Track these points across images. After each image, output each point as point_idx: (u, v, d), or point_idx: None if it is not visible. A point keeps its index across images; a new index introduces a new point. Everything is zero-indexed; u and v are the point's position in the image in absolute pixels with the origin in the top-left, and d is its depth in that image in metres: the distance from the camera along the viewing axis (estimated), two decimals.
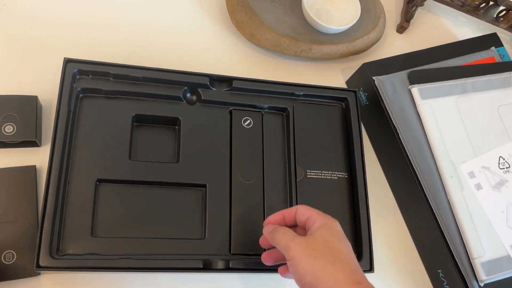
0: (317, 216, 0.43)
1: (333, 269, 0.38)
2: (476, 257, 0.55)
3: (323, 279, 0.37)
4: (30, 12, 0.61)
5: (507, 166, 0.60)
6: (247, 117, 0.47)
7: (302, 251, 0.39)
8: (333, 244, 0.40)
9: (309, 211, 0.44)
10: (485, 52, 0.69)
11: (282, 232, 0.43)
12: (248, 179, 0.55)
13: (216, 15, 0.69)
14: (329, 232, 0.41)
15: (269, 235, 0.44)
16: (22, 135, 0.51)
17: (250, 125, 0.46)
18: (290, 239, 0.41)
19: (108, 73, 0.53)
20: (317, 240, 0.40)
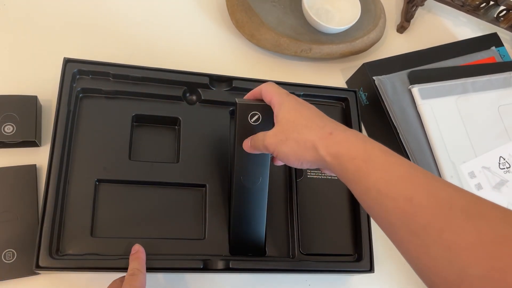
0: (274, 99, 0.42)
1: (303, 137, 0.38)
2: None
3: (301, 152, 0.38)
4: (29, 12, 0.61)
5: (507, 166, 0.60)
6: (255, 112, 0.44)
7: (275, 142, 0.40)
8: (294, 117, 0.40)
9: (269, 93, 0.43)
10: (486, 52, 0.69)
11: (255, 138, 0.44)
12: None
13: (216, 15, 0.69)
14: (288, 109, 0.41)
15: (250, 148, 0.45)
16: (22, 135, 0.51)
17: (258, 121, 0.45)
18: (262, 138, 0.42)
19: (108, 73, 0.53)
20: (281, 123, 0.41)
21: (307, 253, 0.53)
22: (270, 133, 0.41)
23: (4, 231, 0.48)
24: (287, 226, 0.54)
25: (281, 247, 0.53)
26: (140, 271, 0.44)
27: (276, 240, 0.53)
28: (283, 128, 0.40)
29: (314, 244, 0.54)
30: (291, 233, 0.54)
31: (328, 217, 0.56)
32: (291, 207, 0.55)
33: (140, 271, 0.44)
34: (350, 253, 0.55)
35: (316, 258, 0.53)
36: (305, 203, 0.55)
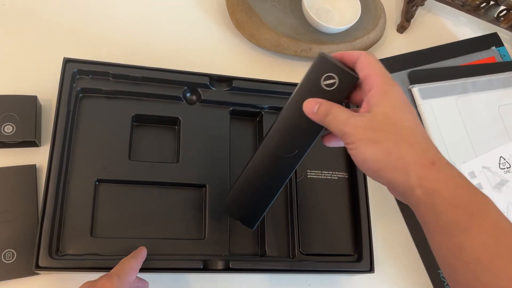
0: (375, 80, 0.34)
1: (399, 151, 0.31)
2: None
3: (388, 165, 0.31)
4: (29, 11, 0.61)
5: (507, 166, 0.60)
6: (333, 75, 0.36)
7: (361, 135, 0.33)
8: (396, 119, 0.32)
9: (369, 67, 0.35)
10: (486, 52, 0.69)
11: (333, 114, 0.35)
12: None
13: (216, 15, 0.69)
14: (390, 104, 0.33)
15: (317, 115, 0.36)
16: (22, 135, 0.51)
17: (331, 86, 0.37)
18: (344, 121, 0.34)
19: (108, 73, 0.53)
20: (376, 117, 0.33)
21: (307, 253, 0.53)
22: (358, 122, 0.33)
23: (4, 231, 0.48)
24: (287, 226, 0.54)
25: (281, 247, 0.53)
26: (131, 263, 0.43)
27: (276, 240, 0.53)
28: (378, 125, 0.33)
29: (314, 244, 0.54)
30: (291, 233, 0.54)
31: (328, 217, 0.56)
32: (291, 207, 0.55)
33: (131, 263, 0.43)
34: (350, 253, 0.55)
35: (316, 258, 0.53)
36: (305, 203, 0.55)
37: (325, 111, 0.36)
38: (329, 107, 0.36)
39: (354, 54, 0.37)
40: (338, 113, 0.35)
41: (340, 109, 0.35)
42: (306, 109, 0.37)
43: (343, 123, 0.34)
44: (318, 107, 0.36)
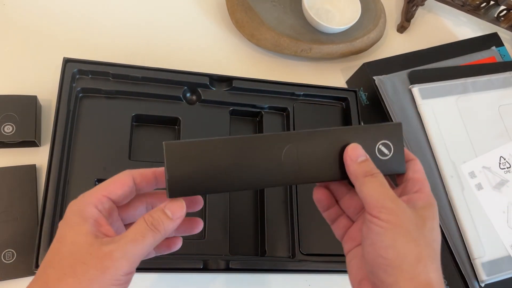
0: (426, 188, 0.33)
1: (427, 264, 0.30)
2: (476, 257, 0.54)
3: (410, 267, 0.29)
4: (29, 11, 0.61)
5: (507, 166, 0.60)
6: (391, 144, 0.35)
7: (403, 224, 0.30)
8: (435, 236, 0.32)
9: (421, 173, 0.35)
10: (486, 52, 0.69)
11: (380, 180, 0.32)
12: None
13: (216, 15, 0.69)
14: (436, 220, 0.32)
15: (358, 166, 0.33)
16: (22, 135, 0.51)
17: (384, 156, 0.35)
18: (390, 196, 0.31)
19: (108, 73, 0.53)
20: (423, 220, 0.31)
21: (307, 253, 0.53)
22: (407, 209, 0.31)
23: (4, 231, 0.48)
24: (287, 226, 0.54)
25: (281, 247, 0.53)
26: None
27: (276, 240, 0.53)
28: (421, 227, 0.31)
29: (314, 244, 0.54)
30: (291, 233, 0.54)
31: None
32: (291, 207, 0.55)
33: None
34: None
35: (316, 258, 0.53)
36: (305, 203, 0.55)
37: (370, 170, 0.33)
38: (376, 170, 0.33)
39: (410, 155, 0.36)
40: (385, 182, 0.32)
41: (386, 181, 0.33)
42: (350, 152, 0.33)
43: (391, 198, 0.31)
44: (364, 160, 0.33)
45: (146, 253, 0.31)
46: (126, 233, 0.31)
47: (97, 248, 0.30)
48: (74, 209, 0.32)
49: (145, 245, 0.31)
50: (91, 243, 0.30)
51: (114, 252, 0.29)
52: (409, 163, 0.35)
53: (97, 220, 0.32)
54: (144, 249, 0.31)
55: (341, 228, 0.37)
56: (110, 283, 0.29)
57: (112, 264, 0.29)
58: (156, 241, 0.31)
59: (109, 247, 0.30)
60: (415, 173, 0.34)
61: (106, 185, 0.34)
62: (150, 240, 0.31)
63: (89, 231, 0.31)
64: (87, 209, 0.32)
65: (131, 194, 0.35)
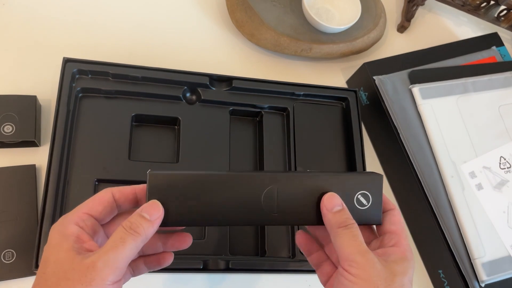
0: (403, 242, 0.34)
1: None
2: (477, 258, 0.54)
3: None
4: (29, 11, 0.61)
5: (508, 166, 0.60)
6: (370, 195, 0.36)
7: (370, 278, 0.31)
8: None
9: (400, 226, 0.35)
10: (486, 52, 0.69)
11: (353, 231, 0.33)
12: None
13: (216, 14, 0.69)
14: (407, 276, 0.32)
15: (333, 216, 0.33)
16: (21, 135, 0.51)
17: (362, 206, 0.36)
18: (363, 249, 0.32)
19: (108, 72, 0.53)
20: (393, 276, 0.31)
21: None
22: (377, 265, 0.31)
23: (4, 231, 0.48)
24: (287, 226, 0.54)
25: (281, 247, 0.53)
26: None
27: (276, 240, 0.53)
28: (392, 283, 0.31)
29: None
30: (291, 233, 0.54)
31: None
32: None
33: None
34: None
35: None
36: None
37: (345, 221, 0.33)
38: (351, 221, 0.33)
39: (389, 204, 0.36)
40: (358, 234, 0.33)
41: (360, 232, 0.33)
42: (326, 202, 0.34)
43: (361, 251, 0.31)
44: (339, 210, 0.34)
45: (129, 258, 0.31)
46: (106, 242, 0.31)
47: (79, 262, 0.29)
48: (56, 229, 0.32)
49: (126, 249, 0.30)
50: (73, 258, 0.30)
51: (96, 263, 0.29)
52: (387, 213, 0.36)
53: (78, 237, 0.32)
54: (126, 254, 0.30)
55: (325, 275, 0.37)
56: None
57: (96, 275, 0.29)
58: (138, 244, 0.31)
59: (91, 258, 0.29)
60: (392, 225, 0.35)
61: (86, 203, 0.34)
62: (131, 244, 0.31)
63: (71, 248, 0.30)
64: (67, 227, 0.32)
65: (112, 210, 0.35)
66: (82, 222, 0.33)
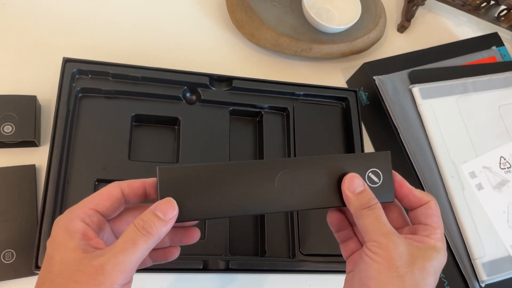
0: (437, 235, 0.33)
1: None
2: (477, 258, 0.54)
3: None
4: (29, 11, 0.61)
5: (508, 166, 0.60)
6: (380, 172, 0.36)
7: (391, 259, 0.30)
8: (426, 276, 0.31)
9: (438, 220, 0.34)
10: (486, 52, 0.69)
11: (377, 212, 0.32)
12: None
13: (216, 14, 0.69)
14: (430, 263, 0.31)
15: (356, 198, 0.33)
16: (21, 135, 0.51)
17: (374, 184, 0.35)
18: (384, 231, 0.31)
19: (108, 72, 0.53)
20: (415, 258, 0.31)
21: (307, 253, 0.53)
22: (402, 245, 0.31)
23: (3, 231, 0.48)
24: (287, 226, 0.54)
25: (281, 247, 0.53)
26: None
27: (276, 240, 0.53)
28: (416, 268, 0.30)
29: (314, 244, 0.54)
30: (291, 233, 0.54)
31: None
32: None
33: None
34: None
35: (316, 258, 0.53)
36: None
37: (368, 202, 0.33)
38: (374, 201, 0.33)
39: (425, 197, 0.35)
40: (382, 216, 0.32)
41: (384, 213, 0.32)
42: (348, 184, 0.33)
43: (385, 233, 0.31)
44: (362, 191, 0.33)
45: (140, 260, 0.30)
46: (116, 242, 0.29)
47: (87, 263, 0.28)
48: (60, 225, 0.31)
49: (137, 252, 0.29)
50: (80, 259, 0.28)
51: (105, 266, 0.28)
52: (423, 207, 0.34)
53: (85, 234, 0.30)
54: (137, 257, 0.29)
55: (348, 250, 0.37)
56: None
57: (105, 279, 0.28)
58: (149, 246, 0.30)
59: (99, 260, 0.28)
60: (427, 219, 0.34)
61: (92, 198, 0.32)
62: (142, 246, 0.29)
63: (77, 246, 0.29)
64: (73, 224, 0.30)
65: (120, 206, 0.33)
66: (88, 218, 0.31)
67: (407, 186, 0.35)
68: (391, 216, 0.36)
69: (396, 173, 0.36)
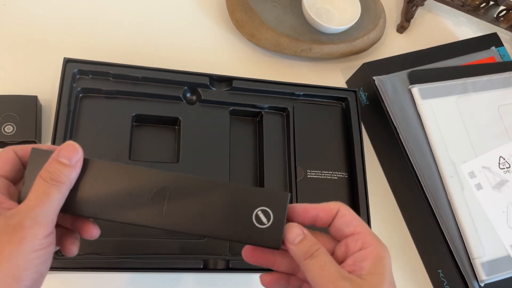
0: (369, 239, 0.31)
1: None
2: (476, 257, 0.54)
3: None
4: (30, 11, 0.61)
5: (507, 166, 0.60)
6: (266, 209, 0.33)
7: None
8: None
9: (356, 222, 0.32)
10: (486, 52, 0.69)
11: (321, 260, 0.30)
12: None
13: (216, 14, 0.69)
14: (386, 277, 0.30)
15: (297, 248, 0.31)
16: (22, 135, 0.51)
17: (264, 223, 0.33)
18: (334, 278, 0.29)
19: (108, 73, 0.53)
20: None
21: None
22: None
23: None
24: None
25: None
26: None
27: None
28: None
29: None
30: None
31: None
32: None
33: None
34: None
35: None
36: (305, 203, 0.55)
37: (309, 249, 0.30)
38: (315, 247, 0.31)
39: (332, 206, 0.33)
40: (327, 261, 0.30)
41: (328, 257, 0.30)
42: (288, 236, 0.31)
43: (332, 281, 0.29)
44: (301, 239, 0.31)
45: (57, 209, 0.30)
46: (28, 198, 0.29)
47: (3, 224, 0.28)
48: None
49: (52, 202, 0.29)
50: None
51: (23, 222, 0.28)
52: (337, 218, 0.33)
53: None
54: (54, 207, 0.29)
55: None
56: (33, 250, 0.28)
57: (26, 233, 0.28)
58: (63, 193, 0.30)
59: (16, 218, 0.28)
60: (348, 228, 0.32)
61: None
62: (56, 195, 0.29)
63: None
64: None
65: (19, 168, 0.32)
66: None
67: (311, 207, 0.33)
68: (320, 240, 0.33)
69: (296, 204, 0.33)
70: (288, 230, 0.32)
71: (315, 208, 0.33)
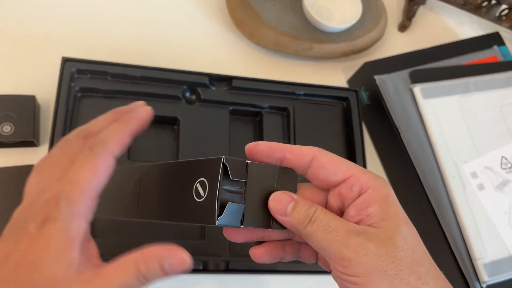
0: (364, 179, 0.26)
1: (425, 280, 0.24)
2: (478, 258, 0.54)
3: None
4: (28, 10, 0.61)
5: (509, 166, 0.60)
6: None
7: (373, 266, 0.24)
8: (412, 239, 0.25)
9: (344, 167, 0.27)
10: (487, 51, 0.69)
11: (322, 222, 0.25)
12: None
13: (215, 13, 0.69)
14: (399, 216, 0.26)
15: (292, 218, 0.26)
16: (20, 135, 0.51)
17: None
18: (343, 238, 0.24)
19: (107, 72, 0.53)
20: (390, 237, 0.25)
21: None
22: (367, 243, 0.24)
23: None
24: None
25: None
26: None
27: None
28: (394, 250, 0.24)
29: None
30: None
31: None
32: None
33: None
34: None
35: None
36: None
37: (305, 216, 0.26)
38: (312, 209, 0.26)
39: (304, 151, 0.28)
40: (330, 220, 0.25)
41: (329, 215, 0.25)
42: (275, 207, 0.26)
43: (342, 242, 0.24)
44: (293, 207, 0.26)
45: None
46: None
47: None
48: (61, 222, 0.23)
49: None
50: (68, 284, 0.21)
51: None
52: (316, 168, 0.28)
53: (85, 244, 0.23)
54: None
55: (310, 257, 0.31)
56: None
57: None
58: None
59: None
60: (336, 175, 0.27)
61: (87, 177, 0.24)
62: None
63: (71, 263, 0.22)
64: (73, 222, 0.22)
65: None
66: (91, 214, 0.23)
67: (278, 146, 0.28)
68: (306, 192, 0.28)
69: (260, 142, 0.29)
70: (274, 200, 0.26)
71: (283, 149, 0.28)
